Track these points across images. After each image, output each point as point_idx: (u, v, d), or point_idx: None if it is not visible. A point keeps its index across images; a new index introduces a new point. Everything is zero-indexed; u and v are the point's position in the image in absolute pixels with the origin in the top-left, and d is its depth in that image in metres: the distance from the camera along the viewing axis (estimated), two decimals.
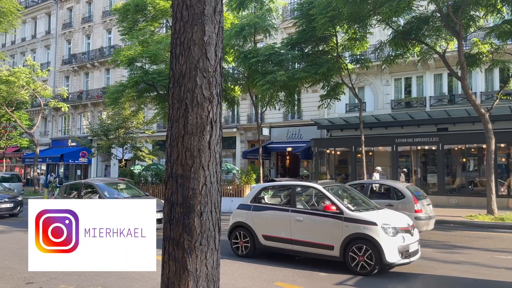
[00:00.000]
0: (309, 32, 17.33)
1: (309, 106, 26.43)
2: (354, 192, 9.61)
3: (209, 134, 2.53)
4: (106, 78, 38.69)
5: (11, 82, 28.71)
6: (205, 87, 2.54)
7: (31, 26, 46.23)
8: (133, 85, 20.81)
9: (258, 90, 19.19)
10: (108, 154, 30.37)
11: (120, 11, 22.64)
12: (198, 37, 2.54)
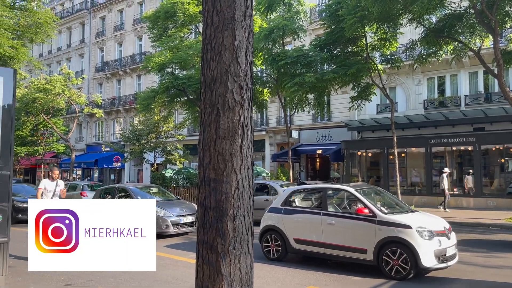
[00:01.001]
0: (338, 33, 17.15)
1: (339, 108, 26.16)
2: (387, 195, 9.42)
3: (241, 138, 2.53)
4: (138, 84, 39.59)
5: (48, 90, 29.82)
6: (236, 91, 2.55)
7: (66, 36, 47.93)
8: (164, 90, 21.21)
9: (287, 93, 19.15)
10: (140, 159, 31.01)
11: (151, 19, 23.15)
12: (229, 42, 2.56)
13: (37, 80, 31.47)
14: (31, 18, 20.24)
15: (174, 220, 12.58)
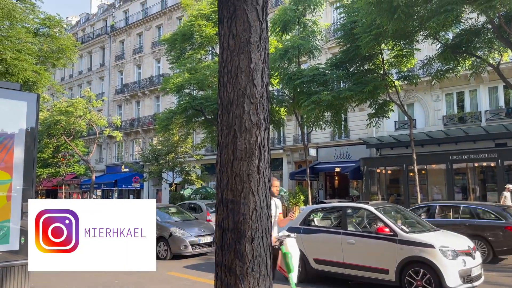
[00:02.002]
0: (353, 51, 17.18)
1: (357, 125, 26.02)
2: (408, 213, 9.25)
3: (258, 159, 2.55)
4: (156, 105, 40.23)
5: (70, 113, 30.55)
6: (253, 113, 2.58)
7: (87, 60, 49.28)
8: (182, 111, 21.52)
9: (304, 111, 19.17)
10: (158, 179, 31.28)
11: (169, 41, 23.66)
12: (245, 65, 2.60)
13: (59, 103, 32.32)
14: (53, 44, 20.89)
15: (193, 241, 12.57)
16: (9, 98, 6.32)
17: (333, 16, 28.45)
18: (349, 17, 17.35)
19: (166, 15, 40.56)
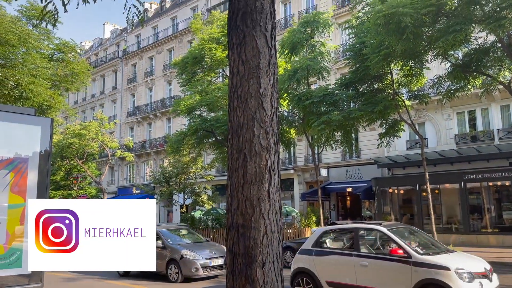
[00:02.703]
0: (363, 71, 17.26)
1: (368, 145, 25.89)
2: (422, 234, 9.10)
3: (268, 183, 2.56)
4: (168, 127, 40.60)
5: (83, 136, 30.98)
6: (263, 136, 2.60)
7: (99, 83, 50.19)
8: (193, 132, 21.67)
9: (314, 131, 19.17)
10: (169, 200, 31.27)
11: (180, 64, 24.03)
12: (254, 90, 2.64)
13: (72, 126, 32.82)
14: (67, 69, 21.40)
15: (204, 263, 12.48)
16: (24, 123, 6.44)
17: (342, 37, 28.71)
18: (358, 38, 17.49)
19: (177, 38, 41.32)
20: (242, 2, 2.76)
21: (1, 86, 16.12)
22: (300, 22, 20.91)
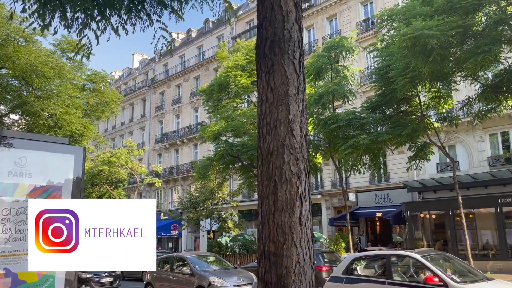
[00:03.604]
0: (389, 94, 17.09)
1: (397, 168, 25.39)
2: (457, 261, 8.73)
3: (299, 210, 2.53)
4: (194, 153, 41.07)
5: (112, 163, 31.70)
6: (293, 163, 2.59)
7: (129, 111, 51.58)
8: (219, 158, 21.85)
9: (341, 155, 18.98)
10: (196, 226, 31.31)
11: (206, 92, 24.50)
12: (284, 116, 2.65)
13: (102, 153, 33.67)
14: (98, 98, 22.16)
15: None
16: (58, 152, 6.65)
17: (367, 60, 28.69)
18: (383, 61, 17.43)
19: (203, 66, 42.26)
20: (270, 31, 2.81)
21: (37, 116, 16.78)
22: (324, 47, 21.06)
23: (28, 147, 5.60)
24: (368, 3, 30.21)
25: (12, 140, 5.54)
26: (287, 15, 2.81)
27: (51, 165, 6.59)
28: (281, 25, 2.79)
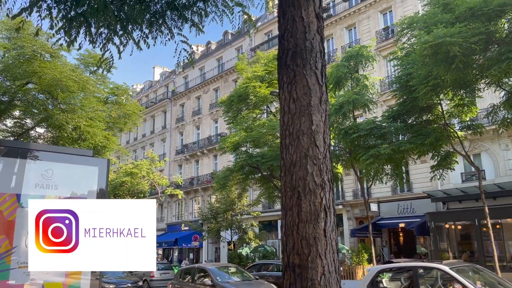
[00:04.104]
0: (411, 103, 16.84)
1: (420, 178, 24.93)
2: (487, 273, 8.47)
3: (324, 221, 2.51)
4: (214, 163, 41.27)
5: (134, 174, 32.11)
6: (316, 174, 2.58)
7: (150, 123, 52.34)
8: (239, 168, 21.89)
9: (362, 165, 18.74)
10: (217, 237, 31.32)
11: (225, 103, 24.68)
12: (306, 127, 2.64)
13: (125, 165, 34.17)
14: (121, 110, 22.56)
15: None
16: (82, 164, 6.78)
17: (387, 68, 28.45)
18: (404, 70, 17.23)
19: (223, 78, 42.64)
20: (291, 43, 2.82)
21: (62, 129, 17.18)
22: (343, 57, 20.98)
23: (54, 159, 5.71)
24: (388, 12, 30.05)
25: (39, 153, 5.67)
26: (308, 26, 2.81)
27: (76, 177, 6.71)
28: (303, 36, 2.79)
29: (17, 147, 5.39)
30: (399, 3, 28.89)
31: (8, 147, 5.25)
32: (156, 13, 5.29)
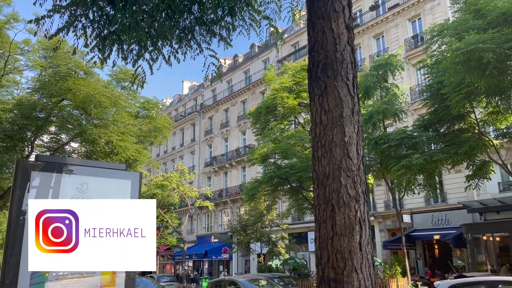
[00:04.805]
0: (443, 112, 16.45)
1: (454, 188, 24.17)
2: None
3: (359, 235, 2.46)
4: (243, 175, 41.38)
5: (165, 186, 32.56)
6: (350, 186, 2.54)
7: (179, 136, 53.15)
8: (268, 180, 21.85)
9: (393, 176, 18.37)
10: (247, 249, 31.23)
11: (253, 115, 24.80)
12: (339, 139, 2.62)
13: (155, 177, 34.72)
14: (151, 124, 23.02)
15: None
16: (116, 178, 6.95)
17: (417, 77, 27.93)
18: (435, 78, 16.88)
19: (250, 90, 42.94)
20: (322, 54, 2.81)
21: (95, 144, 17.66)
22: (372, 66, 20.75)
23: (89, 173, 5.87)
24: (416, 19, 29.61)
25: (74, 167, 5.85)
26: (338, 38, 2.81)
27: (110, 191, 6.87)
28: (333, 47, 2.79)
29: (54, 162, 5.57)
30: (428, 11, 28.43)
31: (45, 162, 5.43)
32: (185, 29, 5.39)
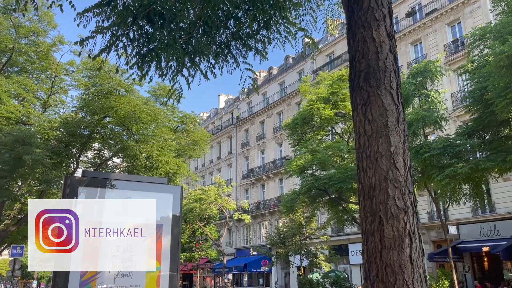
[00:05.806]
0: (487, 118, 15.78)
1: (503, 197, 23.05)
2: None
3: (409, 248, 2.38)
4: (280, 187, 41.22)
5: (203, 200, 32.94)
6: (398, 197, 2.47)
7: (216, 149, 53.81)
8: (306, 191, 21.63)
9: (437, 186, 17.71)
10: (286, 262, 30.91)
11: (290, 126, 24.74)
12: (385, 149, 2.56)
13: (194, 191, 35.21)
14: (189, 138, 23.46)
15: None
16: (158, 192, 7.10)
17: (458, 83, 27.03)
18: (478, 83, 16.26)
19: (285, 102, 42.96)
20: (364, 64, 2.77)
21: (136, 159, 18.16)
22: (410, 73, 20.27)
23: (132, 188, 6.03)
24: (456, 24, 28.77)
25: (117, 182, 6.03)
26: (380, 46, 2.76)
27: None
28: (375, 56, 2.74)
29: (99, 177, 5.77)
30: (467, 14, 27.57)
31: (91, 177, 5.63)
32: (221, 44, 5.48)
